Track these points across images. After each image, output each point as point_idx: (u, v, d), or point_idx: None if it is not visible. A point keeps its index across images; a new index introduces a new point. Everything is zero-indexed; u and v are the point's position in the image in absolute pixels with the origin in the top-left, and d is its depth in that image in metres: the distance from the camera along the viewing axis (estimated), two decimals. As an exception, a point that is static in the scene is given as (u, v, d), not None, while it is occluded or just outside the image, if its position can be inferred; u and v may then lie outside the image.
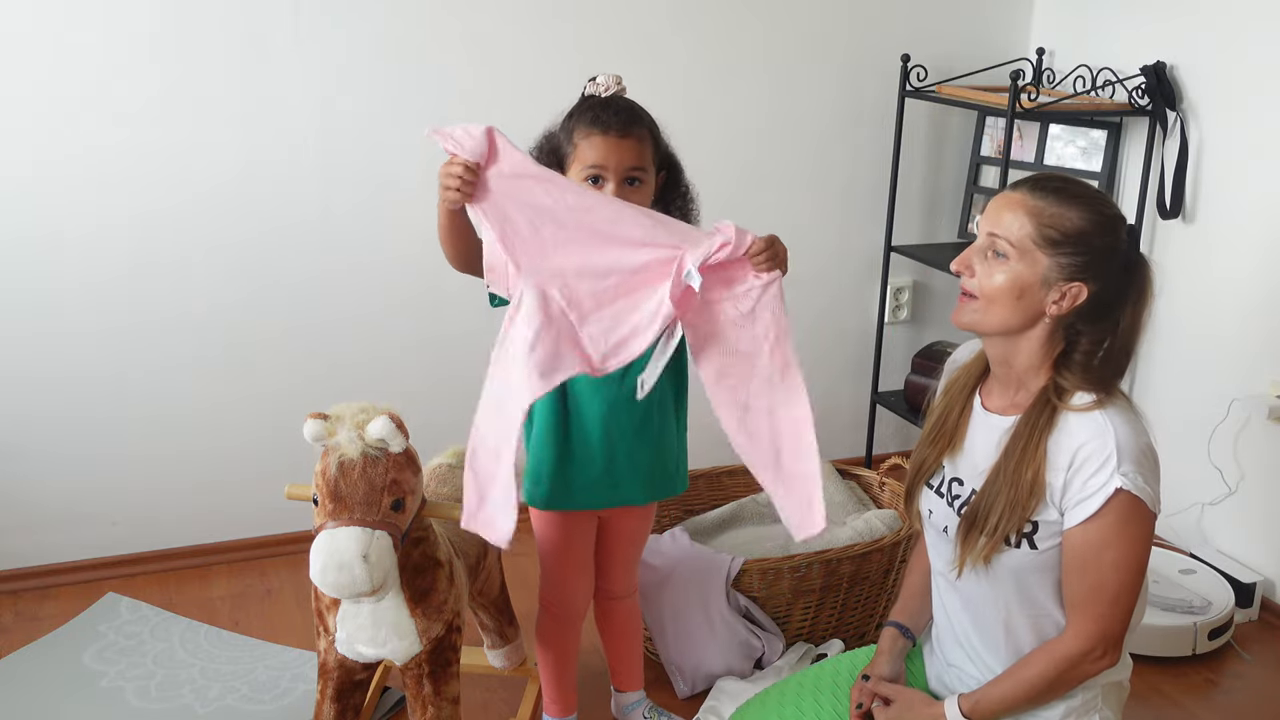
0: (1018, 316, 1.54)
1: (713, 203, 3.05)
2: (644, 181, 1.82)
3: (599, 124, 1.78)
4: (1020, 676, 1.58)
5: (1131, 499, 1.48)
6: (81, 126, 2.59)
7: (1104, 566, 1.51)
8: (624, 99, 1.84)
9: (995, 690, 1.60)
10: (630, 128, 1.80)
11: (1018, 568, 1.58)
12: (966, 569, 1.60)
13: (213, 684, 2.43)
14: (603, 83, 1.84)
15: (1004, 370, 1.62)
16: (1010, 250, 1.52)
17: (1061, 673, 1.56)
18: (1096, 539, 1.50)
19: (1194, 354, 2.95)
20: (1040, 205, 1.52)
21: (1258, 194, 2.74)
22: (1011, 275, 1.52)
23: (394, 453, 1.69)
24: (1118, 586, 1.52)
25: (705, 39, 3.05)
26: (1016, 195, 1.55)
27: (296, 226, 2.81)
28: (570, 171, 1.80)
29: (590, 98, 1.84)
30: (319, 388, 2.79)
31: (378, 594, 1.68)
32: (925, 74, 3.17)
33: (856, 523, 2.60)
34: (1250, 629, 2.75)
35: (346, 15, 2.72)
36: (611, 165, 1.78)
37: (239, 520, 2.95)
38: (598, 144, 1.78)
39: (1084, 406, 1.53)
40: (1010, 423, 1.58)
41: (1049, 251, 1.51)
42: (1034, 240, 1.51)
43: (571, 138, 1.80)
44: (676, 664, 2.43)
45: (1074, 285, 1.51)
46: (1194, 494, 2.94)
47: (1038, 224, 1.51)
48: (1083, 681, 1.58)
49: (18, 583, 2.78)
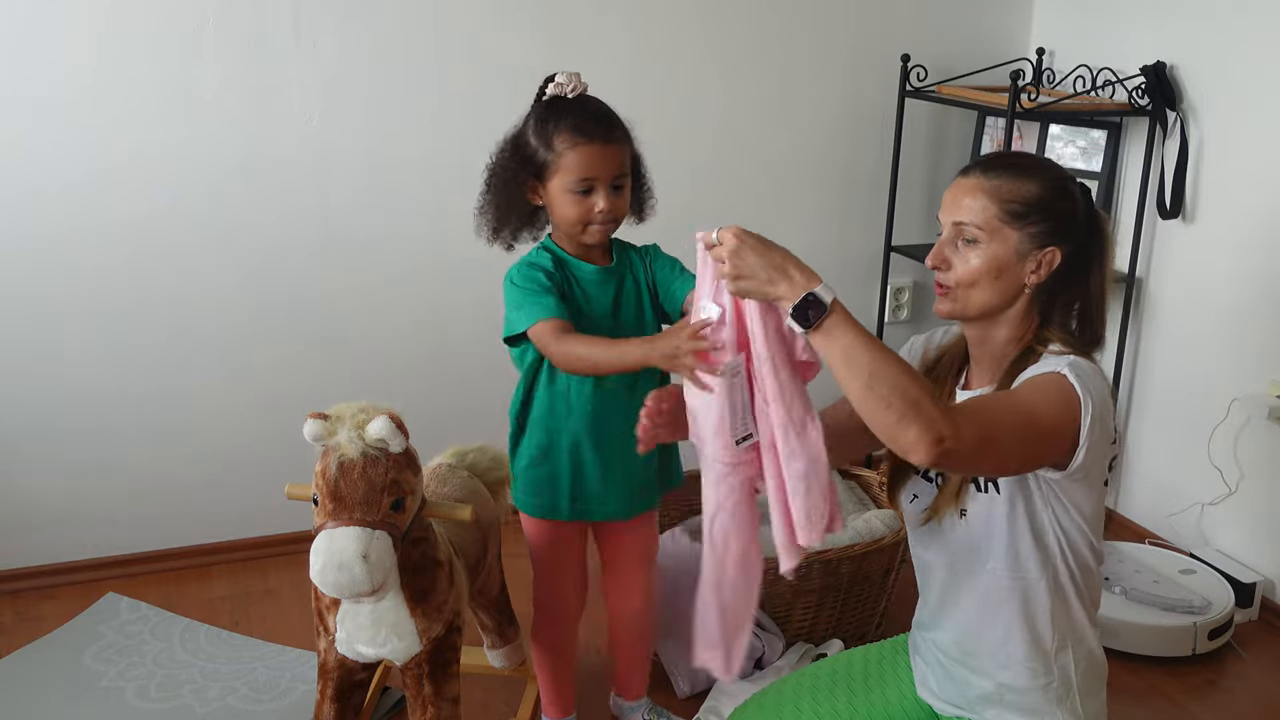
0: (999, 295, 1.57)
1: (713, 203, 3.08)
2: (627, 185, 1.81)
3: (583, 132, 1.74)
4: (888, 356, 1.38)
5: (1066, 382, 1.46)
6: (79, 126, 2.59)
7: (997, 394, 1.51)
8: (593, 100, 1.80)
9: (859, 333, 1.40)
10: (613, 133, 1.77)
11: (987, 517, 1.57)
12: (939, 519, 1.60)
13: (213, 684, 2.43)
14: (566, 82, 1.78)
15: (982, 350, 1.64)
16: (979, 233, 1.55)
17: (907, 403, 1.33)
18: (1017, 387, 1.50)
19: (1194, 354, 2.95)
20: (997, 184, 1.55)
21: (1258, 194, 2.73)
22: (987, 257, 1.55)
23: (394, 453, 1.69)
24: (998, 409, 1.44)
25: (705, 39, 3.05)
26: (970, 180, 1.57)
27: (297, 226, 2.81)
28: (554, 181, 1.78)
29: (557, 99, 1.79)
30: (319, 387, 2.79)
31: (378, 594, 1.68)
32: (925, 74, 3.17)
33: (856, 523, 2.60)
34: (1250, 629, 2.75)
35: (347, 16, 2.72)
36: (601, 174, 1.76)
37: (239, 520, 2.95)
38: (586, 154, 1.74)
39: (1058, 351, 1.56)
40: (991, 389, 1.60)
41: (1017, 225, 1.54)
42: (1000, 218, 1.54)
43: (552, 145, 1.76)
44: (676, 664, 2.43)
45: (1048, 251, 1.55)
46: (1194, 494, 2.94)
47: (1000, 202, 1.54)
48: (895, 428, 1.34)
49: (18, 583, 2.78)
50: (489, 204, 1.87)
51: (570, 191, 1.77)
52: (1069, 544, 1.57)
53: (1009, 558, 1.58)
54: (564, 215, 1.81)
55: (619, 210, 1.82)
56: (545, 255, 1.87)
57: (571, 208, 1.79)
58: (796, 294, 1.37)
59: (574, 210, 1.79)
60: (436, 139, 2.83)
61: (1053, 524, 1.56)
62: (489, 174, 1.86)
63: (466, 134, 2.84)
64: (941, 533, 1.64)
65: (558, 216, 1.83)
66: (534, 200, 1.84)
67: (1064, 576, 1.59)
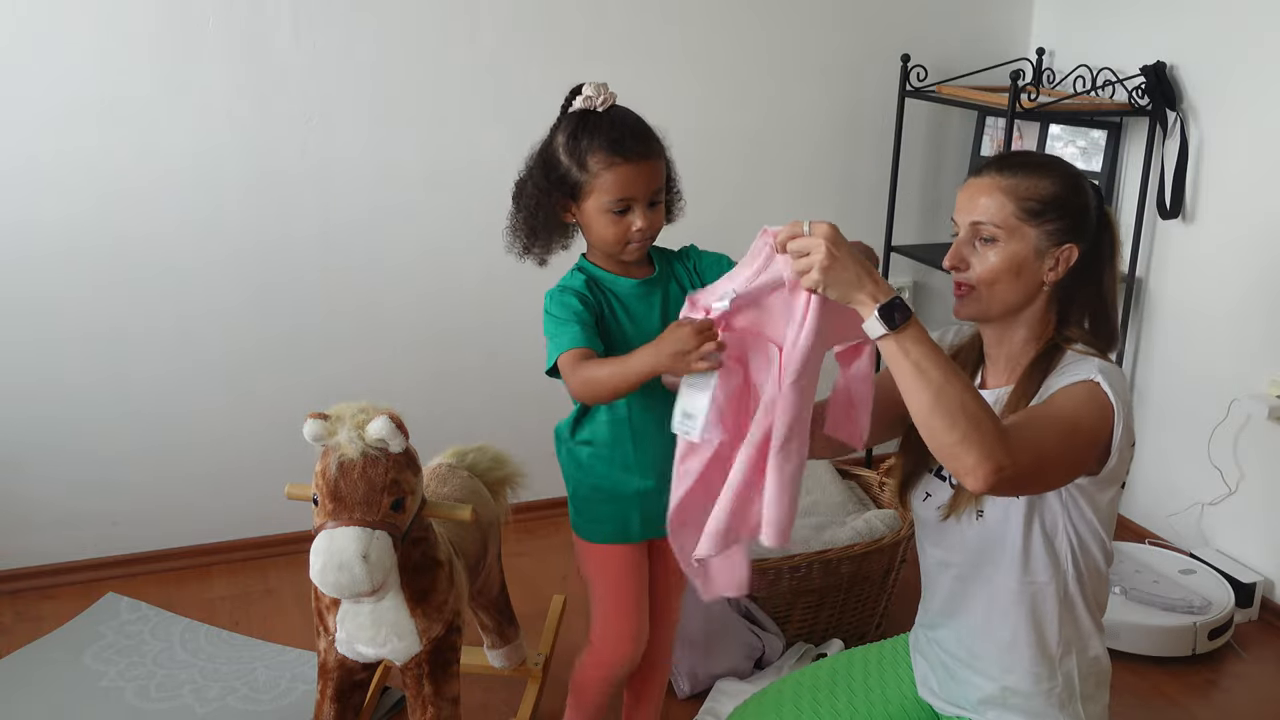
0: (1018, 293, 1.57)
1: (713, 203, 3.07)
2: (663, 201, 1.75)
3: (620, 151, 1.66)
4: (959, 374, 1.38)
5: (1100, 390, 1.48)
6: (82, 131, 2.60)
7: (1038, 410, 1.50)
8: (628, 114, 1.71)
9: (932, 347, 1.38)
10: (650, 149, 1.69)
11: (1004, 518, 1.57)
12: (957, 516, 1.60)
13: (213, 684, 2.43)
14: (595, 95, 1.69)
15: (999, 350, 1.64)
16: (998, 232, 1.55)
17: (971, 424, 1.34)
18: (1050, 399, 1.51)
19: (1194, 354, 2.95)
20: (1013, 182, 1.55)
21: (1258, 194, 2.73)
22: (1006, 255, 1.55)
23: (394, 453, 1.69)
24: (1044, 428, 1.45)
25: (705, 39, 3.05)
26: (985, 179, 1.57)
27: (297, 226, 2.81)
28: (589, 201, 1.69)
29: (587, 114, 1.69)
30: (319, 387, 2.79)
31: (377, 594, 1.68)
32: (925, 74, 3.17)
33: (856, 523, 2.60)
34: (1250, 629, 2.75)
35: (347, 16, 2.72)
36: (639, 193, 1.68)
37: (239, 520, 2.95)
38: (624, 173, 1.66)
39: (1082, 351, 1.57)
40: (1009, 389, 1.60)
41: (1034, 223, 1.55)
42: (1017, 215, 1.55)
43: (586, 165, 1.67)
44: (676, 664, 2.42)
45: (1065, 248, 1.55)
46: (1194, 494, 2.94)
47: (1017, 199, 1.54)
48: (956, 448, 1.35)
49: (18, 583, 2.78)
50: (520, 223, 1.77)
51: (607, 212, 1.69)
52: (1080, 546, 1.57)
53: (1021, 560, 1.58)
54: (601, 235, 1.72)
55: (656, 226, 1.74)
56: (579, 277, 1.77)
57: (609, 228, 1.70)
58: (882, 298, 1.38)
59: (611, 230, 1.70)
60: (437, 139, 2.83)
61: (1066, 526, 1.56)
62: (519, 192, 1.77)
63: (467, 134, 2.84)
64: (955, 532, 1.63)
65: (594, 236, 1.74)
66: (567, 219, 1.75)
67: (1073, 582, 1.59)
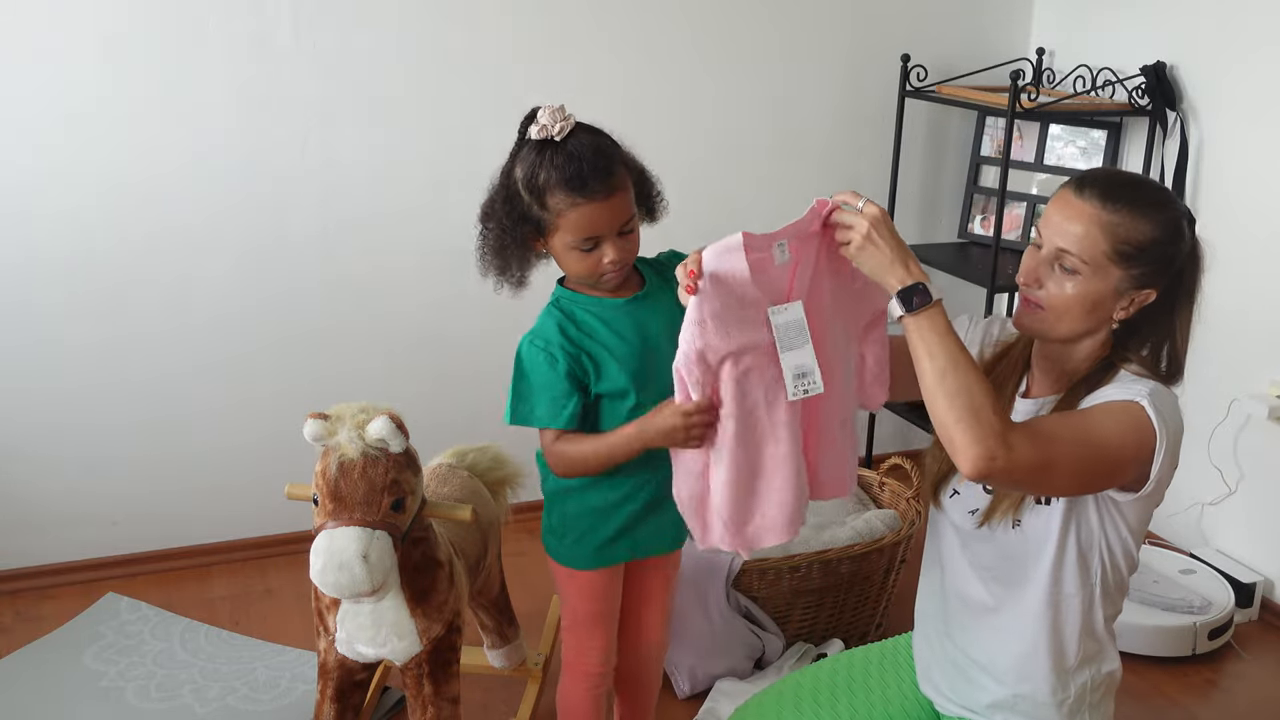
0: (1086, 325, 1.53)
1: (713, 203, 3.07)
2: (635, 224, 1.67)
3: (583, 191, 1.57)
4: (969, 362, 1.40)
5: (1144, 414, 1.45)
6: (82, 131, 2.60)
7: (1065, 415, 1.48)
8: (587, 143, 1.59)
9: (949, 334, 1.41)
10: (612, 184, 1.59)
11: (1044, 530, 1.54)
12: (991, 525, 1.57)
13: (213, 684, 2.43)
14: (551, 124, 1.58)
15: (1050, 363, 1.61)
16: (1083, 267, 1.48)
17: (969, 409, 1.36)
18: (1086, 409, 1.48)
19: (1194, 354, 2.91)
20: (1114, 220, 1.47)
21: (1258, 194, 2.73)
22: (1084, 291, 1.49)
23: (394, 453, 1.69)
24: (1064, 435, 1.43)
25: (705, 39, 3.05)
26: (1088, 207, 1.48)
27: (297, 227, 2.81)
28: (555, 238, 1.62)
29: (544, 144, 1.58)
30: (319, 388, 2.79)
31: (378, 594, 1.68)
32: (925, 74, 3.17)
33: (856, 523, 2.60)
34: (1250, 629, 2.75)
35: (346, 18, 2.72)
36: (606, 229, 1.60)
37: (239, 520, 2.95)
38: (587, 213, 1.58)
39: (1137, 372, 1.54)
40: (1054, 398, 1.57)
41: (1123, 265, 1.48)
42: (1108, 256, 1.47)
43: (546, 206, 1.59)
44: (676, 664, 2.43)
45: (1145, 292, 1.51)
46: (1194, 494, 2.94)
47: (1113, 240, 1.47)
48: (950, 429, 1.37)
49: (18, 583, 2.78)
50: (489, 253, 1.69)
51: (575, 249, 1.62)
52: (1110, 560, 1.56)
53: (1053, 572, 1.56)
54: (572, 270, 1.67)
55: (630, 253, 1.66)
56: (553, 319, 1.69)
57: (579, 263, 1.64)
58: (909, 281, 1.41)
59: (582, 265, 1.64)
60: (437, 139, 2.83)
61: (1101, 540, 1.55)
62: (484, 222, 1.68)
63: (467, 134, 2.84)
64: (987, 538, 1.60)
65: (567, 269, 1.69)
66: (538, 249, 1.69)
67: (1099, 595, 1.58)
